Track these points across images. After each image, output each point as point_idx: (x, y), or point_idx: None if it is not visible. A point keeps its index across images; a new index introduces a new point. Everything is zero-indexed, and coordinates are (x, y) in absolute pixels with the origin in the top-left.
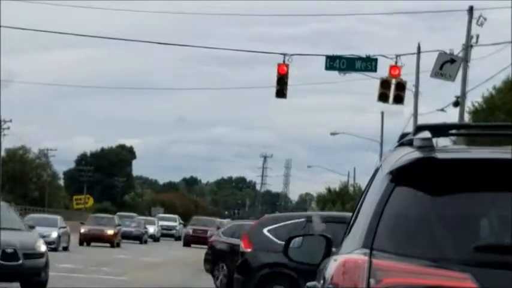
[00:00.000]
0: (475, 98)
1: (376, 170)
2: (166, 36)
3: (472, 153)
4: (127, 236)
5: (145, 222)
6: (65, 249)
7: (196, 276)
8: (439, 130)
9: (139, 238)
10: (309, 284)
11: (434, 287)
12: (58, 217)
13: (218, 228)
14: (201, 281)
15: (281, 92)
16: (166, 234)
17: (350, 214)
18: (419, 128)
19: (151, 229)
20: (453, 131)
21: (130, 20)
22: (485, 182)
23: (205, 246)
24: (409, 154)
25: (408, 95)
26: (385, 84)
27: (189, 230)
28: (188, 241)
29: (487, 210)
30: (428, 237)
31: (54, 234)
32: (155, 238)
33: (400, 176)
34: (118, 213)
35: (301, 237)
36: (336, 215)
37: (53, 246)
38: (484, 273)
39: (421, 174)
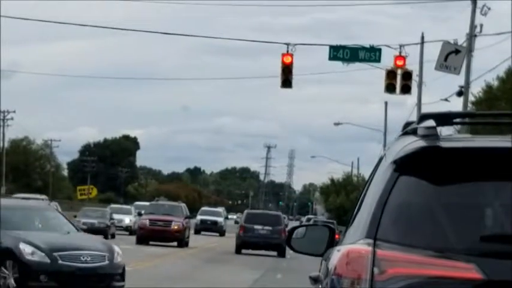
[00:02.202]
0: (479, 88)
1: (380, 159)
2: (169, 26)
3: (476, 142)
4: (87, 230)
5: (117, 212)
6: None
7: None
8: (444, 119)
9: (102, 232)
10: (311, 274)
11: (439, 278)
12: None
13: (186, 218)
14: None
15: (287, 82)
16: None
17: None
18: (423, 117)
19: (127, 220)
20: (457, 120)
21: (134, 10)
22: (490, 171)
23: (170, 244)
24: (413, 143)
25: (412, 85)
26: (391, 74)
27: (145, 220)
28: (143, 236)
29: (492, 200)
30: (432, 227)
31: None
32: (131, 231)
33: (404, 165)
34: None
35: (304, 228)
36: None
37: None
38: (489, 263)
39: (425, 164)
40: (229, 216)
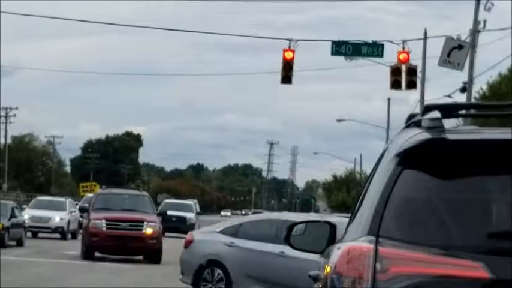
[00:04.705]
0: (482, 84)
1: (383, 153)
2: (172, 22)
3: (484, 134)
4: None
5: (45, 207)
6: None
7: None
8: (449, 110)
9: None
10: (311, 272)
11: (445, 277)
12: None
13: (160, 214)
14: None
15: (287, 78)
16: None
17: None
18: (427, 108)
19: (57, 218)
20: (463, 111)
21: (137, 7)
22: (498, 164)
23: (136, 259)
24: (418, 135)
25: (416, 81)
26: (396, 71)
27: (99, 221)
28: (97, 247)
29: (500, 195)
30: (437, 223)
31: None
32: (64, 233)
33: (408, 158)
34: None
35: (303, 224)
36: None
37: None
38: (497, 262)
39: (430, 157)
40: (223, 213)
